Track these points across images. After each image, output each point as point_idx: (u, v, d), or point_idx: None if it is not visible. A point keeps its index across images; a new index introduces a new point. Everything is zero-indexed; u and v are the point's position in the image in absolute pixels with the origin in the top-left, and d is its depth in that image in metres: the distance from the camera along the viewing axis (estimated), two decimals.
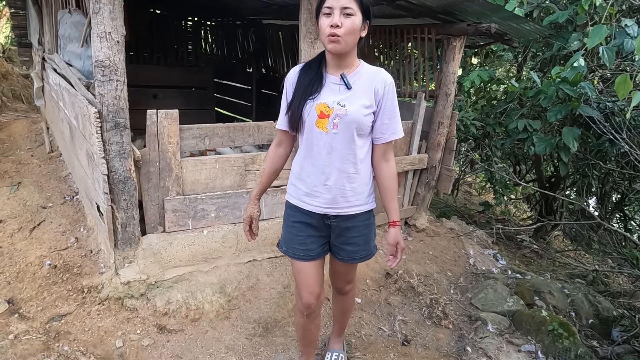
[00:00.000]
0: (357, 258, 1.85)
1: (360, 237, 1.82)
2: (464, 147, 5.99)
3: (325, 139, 1.66)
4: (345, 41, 1.55)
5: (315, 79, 1.66)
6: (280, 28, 5.57)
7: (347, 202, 1.75)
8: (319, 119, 1.64)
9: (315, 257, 1.85)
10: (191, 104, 6.23)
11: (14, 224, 2.99)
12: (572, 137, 3.60)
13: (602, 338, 2.95)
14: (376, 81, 1.66)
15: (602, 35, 2.76)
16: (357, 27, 1.55)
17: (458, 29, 3.31)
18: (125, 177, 2.38)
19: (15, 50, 6.67)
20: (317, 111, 1.64)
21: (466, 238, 3.95)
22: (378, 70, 1.69)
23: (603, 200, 5.37)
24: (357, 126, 1.63)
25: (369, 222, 1.84)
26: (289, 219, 1.86)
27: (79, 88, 2.63)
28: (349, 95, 1.63)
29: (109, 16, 2.14)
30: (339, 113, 1.62)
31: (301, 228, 1.82)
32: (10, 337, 2.18)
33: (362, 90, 1.64)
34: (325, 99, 1.64)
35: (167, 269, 2.66)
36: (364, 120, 1.64)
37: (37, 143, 4.20)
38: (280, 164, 1.89)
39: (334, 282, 2.05)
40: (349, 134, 1.64)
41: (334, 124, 1.63)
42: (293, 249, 1.84)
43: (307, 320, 1.97)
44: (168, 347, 2.32)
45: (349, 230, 1.80)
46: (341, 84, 1.64)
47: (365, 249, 1.85)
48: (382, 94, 1.66)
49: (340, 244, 1.84)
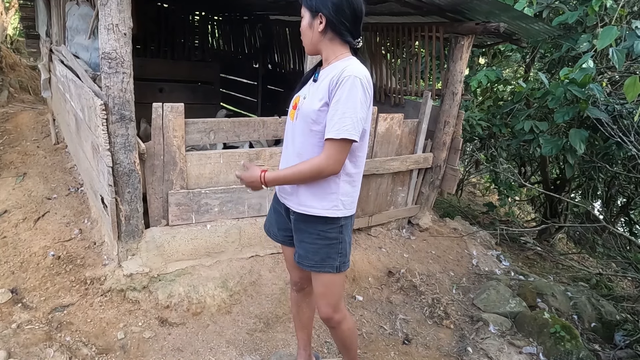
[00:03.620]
0: (305, 265, 1.73)
1: (311, 245, 1.70)
2: (470, 147, 5.96)
3: (290, 127, 1.73)
4: (305, 42, 1.66)
5: (310, 75, 1.73)
6: (287, 24, 5.56)
7: (298, 199, 1.68)
8: (292, 110, 1.71)
9: (281, 242, 1.91)
10: (197, 98, 6.24)
11: (18, 214, 3.00)
12: (579, 139, 3.57)
13: (605, 342, 2.93)
14: (334, 74, 1.55)
15: (612, 37, 2.73)
16: (305, 27, 1.62)
17: (466, 28, 3.28)
18: (129, 169, 2.39)
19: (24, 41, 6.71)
20: (293, 103, 1.72)
21: (469, 238, 3.94)
22: (344, 66, 1.56)
23: (608, 204, 5.32)
24: (306, 118, 1.61)
25: (326, 236, 1.68)
26: (272, 201, 1.94)
27: (86, 80, 2.63)
28: (312, 89, 1.66)
29: (117, 8, 2.14)
30: (300, 105, 1.67)
31: (273, 209, 1.92)
32: (13, 327, 2.19)
33: (323, 84, 1.60)
34: (302, 91, 1.71)
35: (169, 263, 2.67)
36: (312, 114, 1.59)
37: (44, 134, 4.22)
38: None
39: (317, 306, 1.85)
40: (304, 125, 1.63)
41: (296, 115, 1.68)
42: (267, 226, 1.97)
43: (298, 296, 2.04)
44: (169, 340, 2.32)
45: (302, 232, 1.72)
46: (315, 78, 1.69)
47: (313, 259, 1.71)
48: (333, 87, 1.54)
49: (296, 242, 1.78)
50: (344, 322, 1.86)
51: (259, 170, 1.66)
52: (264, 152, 2.88)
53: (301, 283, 2.00)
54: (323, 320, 1.85)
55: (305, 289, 2.01)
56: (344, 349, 1.99)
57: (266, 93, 6.30)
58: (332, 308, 1.79)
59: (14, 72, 6.17)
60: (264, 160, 2.87)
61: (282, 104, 5.44)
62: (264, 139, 2.99)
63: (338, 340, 1.97)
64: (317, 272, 1.74)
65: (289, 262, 1.98)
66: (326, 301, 1.78)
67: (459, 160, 3.87)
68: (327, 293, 1.77)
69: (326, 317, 1.82)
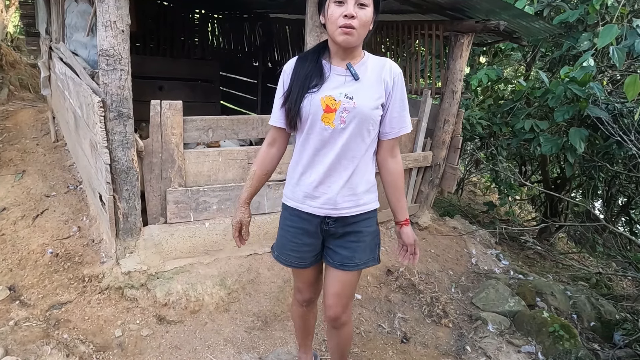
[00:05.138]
0: (350, 265, 1.67)
1: (357, 244, 1.66)
2: (470, 146, 5.96)
3: (331, 134, 1.53)
4: (359, 34, 1.45)
5: (314, 71, 1.53)
6: (287, 22, 5.55)
7: (350, 202, 1.62)
8: (325, 114, 1.51)
9: (309, 266, 1.74)
10: (197, 96, 6.23)
11: (17, 211, 3.00)
12: (579, 138, 3.56)
13: (604, 341, 2.92)
14: (384, 72, 1.54)
15: (612, 35, 2.72)
16: (369, 19, 1.46)
17: (466, 26, 3.27)
18: (127, 167, 2.38)
19: (24, 39, 6.70)
20: (323, 105, 1.51)
21: (469, 237, 3.93)
22: (385, 61, 1.57)
23: (609, 203, 5.31)
24: (365, 120, 1.52)
25: (371, 230, 1.68)
26: (285, 222, 1.72)
27: (84, 77, 2.62)
28: (356, 87, 1.51)
29: (114, 5, 2.14)
30: (346, 106, 1.50)
31: (296, 234, 1.68)
32: (10, 324, 2.19)
33: (371, 81, 1.53)
34: (330, 91, 1.51)
35: (167, 260, 2.67)
36: (373, 114, 1.53)
37: (43, 132, 4.21)
38: (272, 166, 1.72)
39: (326, 304, 1.79)
40: (358, 128, 1.52)
41: (342, 118, 1.50)
42: (286, 255, 1.72)
43: (306, 310, 1.91)
44: (167, 338, 2.32)
45: (349, 234, 1.66)
46: (347, 75, 1.52)
47: (360, 257, 1.67)
48: (392, 85, 1.55)
49: (335, 247, 1.68)
50: (348, 323, 1.83)
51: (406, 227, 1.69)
52: None
53: (315, 298, 1.88)
54: (330, 319, 1.79)
55: (314, 301, 1.91)
56: (338, 352, 1.92)
57: (266, 91, 6.29)
58: (343, 308, 1.77)
59: (14, 70, 6.17)
60: None
61: None
62: (263, 136, 2.97)
63: (336, 342, 1.90)
64: (356, 270, 1.69)
65: (307, 282, 1.82)
66: (340, 301, 1.75)
67: (458, 159, 3.86)
68: (343, 293, 1.74)
69: (335, 316, 1.77)
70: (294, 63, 1.60)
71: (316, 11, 2.69)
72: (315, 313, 2.01)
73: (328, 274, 1.75)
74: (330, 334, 1.93)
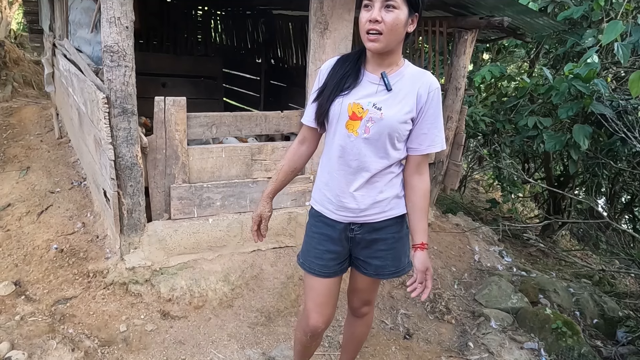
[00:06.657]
0: (386, 274, 1.65)
1: (389, 252, 1.63)
2: (473, 143, 5.94)
3: (354, 142, 1.48)
4: (387, 39, 1.37)
5: (351, 73, 1.49)
6: (290, 19, 5.54)
7: (376, 209, 1.57)
8: (350, 121, 1.47)
9: (332, 275, 1.67)
10: (200, 93, 6.22)
11: (22, 207, 3.02)
12: (583, 135, 3.55)
13: (607, 338, 2.93)
14: (420, 85, 1.47)
15: (617, 32, 2.71)
16: (400, 22, 1.36)
17: (470, 22, 3.27)
18: (132, 163, 2.39)
19: (27, 36, 6.71)
20: (349, 112, 1.47)
21: (472, 234, 3.93)
22: (423, 73, 1.51)
23: (612, 201, 5.30)
24: (391, 133, 1.46)
25: (400, 235, 1.64)
26: (311, 228, 1.69)
27: (88, 74, 2.63)
28: (387, 98, 1.46)
29: (119, 1, 2.14)
30: (373, 116, 1.45)
31: (320, 240, 1.64)
32: (16, 318, 2.21)
33: (404, 93, 1.46)
34: (359, 98, 1.47)
35: (171, 256, 2.68)
36: (399, 128, 1.46)
37: (47, 129, 4.23)
38: (300, 164, 1.70)
39: (350, 300, 1.83)
40: (381, 140, 1.47)
41: (366, 127, 1.46)
42: (309, 262, 1.67)
43: (309, 340, 1.79)
44: (171, 333, 2.33)
45: (376, 242, 1.62)
46: (380, 84, 1.47)
47: (395, 264, 1.64)
48: (425, 100, 1.47)
49: (366, 258, 1.65)
50: (371, 312, 1.86)
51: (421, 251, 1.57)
52: (265, 146, 2.88)
53: (323, 328, 1.74)
54: (353, 309, 1.83)
55: (321, 334, 1.80)
56: (357, 342, 1.91)
57: (269, 88, 6.29)
58: (371, 306, 1.84)
59: (17, 67, 6.19)
60: (266, 154, 2.87)
61: (285, 100, 5.43)
62: (266, 133, 2.98)
63: (354, 333, 1.88)
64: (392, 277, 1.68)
65: (320, 299, 1.69)
66: (368, 298, 1.80)
67: (462, 156, 3.85)
68: (370, 289, 1.78)
69: (361, 313, 1.83)
70: (335, 61, 1.57)
71: (319, 7, 2.70)
72: (319, 343, 1.91)
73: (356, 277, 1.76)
74: (348, 322, 1.93)
